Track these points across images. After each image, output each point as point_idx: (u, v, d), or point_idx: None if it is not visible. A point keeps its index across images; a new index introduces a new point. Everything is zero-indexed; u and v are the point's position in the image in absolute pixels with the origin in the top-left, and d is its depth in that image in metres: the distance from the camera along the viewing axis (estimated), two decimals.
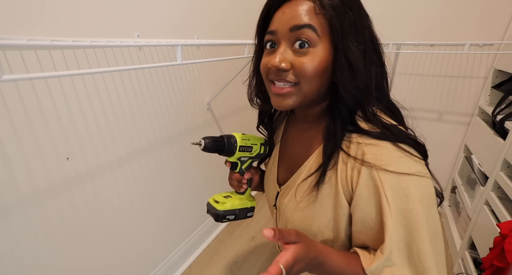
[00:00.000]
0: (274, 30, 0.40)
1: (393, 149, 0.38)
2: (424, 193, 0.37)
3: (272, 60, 0.39)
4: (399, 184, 0.36)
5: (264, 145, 0.57)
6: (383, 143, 0.38)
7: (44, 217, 0.67)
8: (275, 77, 0.40)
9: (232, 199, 0.57)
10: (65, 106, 0.67)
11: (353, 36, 0.37)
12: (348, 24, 0.37)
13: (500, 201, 0.96)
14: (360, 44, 0.38)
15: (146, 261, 1.04)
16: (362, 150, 0.38)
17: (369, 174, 0.37)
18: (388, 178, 0.36)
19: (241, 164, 0.56)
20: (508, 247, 0.74)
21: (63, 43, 0.41)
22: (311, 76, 0.38)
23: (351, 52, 0.37)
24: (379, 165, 0.36)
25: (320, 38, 0.37)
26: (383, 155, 0.37)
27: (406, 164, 0.37)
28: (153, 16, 0.84)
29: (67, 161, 0.69)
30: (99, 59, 0.70)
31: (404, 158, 0.37)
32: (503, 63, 1.23)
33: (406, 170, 0.36)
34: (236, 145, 0.52)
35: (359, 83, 0.38)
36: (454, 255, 1.28)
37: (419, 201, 0.36)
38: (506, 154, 0.95)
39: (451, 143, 1.56)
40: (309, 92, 0.40)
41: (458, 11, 1.33)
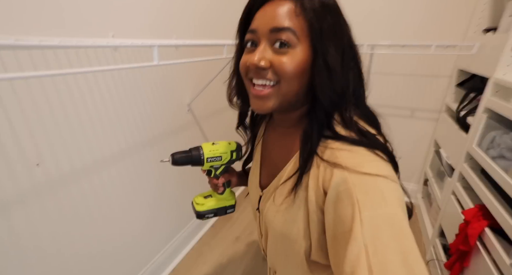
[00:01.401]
0: (254, 29, 0.40)
1: (366, 154, 0.37)
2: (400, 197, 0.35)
3: (251, 58, 0.39)
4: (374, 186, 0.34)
5: (236, 151, 0.60)
6: (356, 149, 0.37)
7: (10, 225, 0.64)
8: (254, 75, 0.40)
9: (211, 199, 0.63)
10: (34, 109, 0.64)
11: (332, 40, 0.38)
12: (328, 28, 0.37)
13: (464, 190, 1.04)
14: (338, 48, 0.39)
15: (128, 266, 1.01)
16: (335, 155, 0.37)
17: (341, 176, 0.35)
18: (360, 180, 0.34)
19: (215, 170, 0.60)
20: (471, 232, 0.81)
21: (29, 42, 0.40)
22: (290, 75, 0.38)
23: (329, 55, 0.37)
24: (351, 167, 0.35)
25: (299, 40, 0.38)
26: (355, 158, 0.36)
27: (380, 167, 0.36)
28: (129, 16, 0.83)
29: (36, 168, 0.66)
30: (70, 60, 0.67)
31: (377, 162, 0.36)
32: (464, 63, 1.33)
33: (381, 172, 0.35)
34: (203, 156, 0.56)
35: (336, 86, 0.38)
36: (427, 243, 1.37)
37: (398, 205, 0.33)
38: (468, 147, 1.04)
39: (422, 138, 1.66)
40: (288, 92, 0.40)
41: (426, 14, 1.43)
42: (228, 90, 0.51)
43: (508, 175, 0.76)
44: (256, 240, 1.42)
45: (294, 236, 0.42)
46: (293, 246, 0.43)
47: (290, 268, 0.47)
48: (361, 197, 0.33)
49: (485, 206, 0.85)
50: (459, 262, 0.89)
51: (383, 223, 0.32)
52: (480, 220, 0.83)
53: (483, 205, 0.87)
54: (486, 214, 0.84)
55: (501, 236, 0.77)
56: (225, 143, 0.59)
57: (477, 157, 0.96)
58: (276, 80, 0.39)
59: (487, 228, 0.80)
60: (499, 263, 0.73)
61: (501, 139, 0.86)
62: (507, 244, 0.74)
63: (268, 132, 0.55)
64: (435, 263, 1.18)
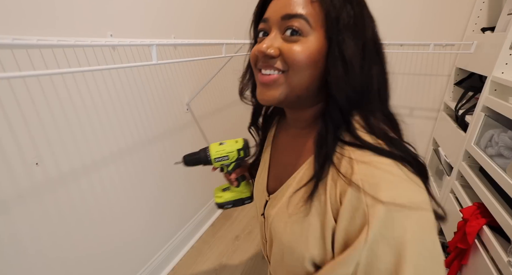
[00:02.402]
0: (266, 17, 0.37)
1: (390, 172, 0.31)
2: (422, 235, 0.30)
3: (260, 46, 0.36)
4: (392, 222, 0.29)
5: (243, 148, 0.61)
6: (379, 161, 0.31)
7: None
8: (262, 65, 0.37)
9: (228, 192, 0.67)
10: (32, 109, 0.63)
11: (351, 31, 0.34)
12: (347, 17, 0.33)
13: (462, 189, 1.05)
14: (359, 40, 0.34)
15: (127, 265, 1.01)
16: (351, 168, 0.32)
17: (356, 197, 0.30)
18: (378, 209, 0.29)
19: (226, 167, 0.62)
20: (469, 230, 0.81)
21: (27, 42, 0.40)
22: (300, 64, 0.34)
23: (346, 46, 0.33)
24: (368, 189, 0.30)
25: (313, 28, 0.34)
26: (374, 177, 0.30)
27: (405, 192, 0.30)
28: (128, 15, 0.82)
29: (36, 167, 0.66)
30: (69, 59, 0.67)
31: (403, 184, 0.31)
32: (462, 62, 1.34)
33: (403, 201, 0.29)
34: (210, 158, 0.60)
35: (354, 82, 0.34)
36: None
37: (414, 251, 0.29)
38: (467, 145, 1.04)
39: (421, 137, 1.66)
40: (297, 84, 0.36)
41: (425, 13, 1.43)
42: (240, 84, 0.48)
43: (506, 173, 0.77)
44: (256, 239, 1.43)
45: (301, 251, 0.38)
46: (299, 260, 0.38)
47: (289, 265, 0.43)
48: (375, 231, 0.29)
49: (483, 204, 0.86)
50: (458, 259, 0.89)
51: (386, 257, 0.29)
52: (479, 218, 0.83)
53: (482, 203, 0.87)
54: (484, 212, 0.84)
55: (499, 234, 0.77)
56: (232, 142, 0.62)
57: (476, 155, 0.96)
58: (285, 69, 0.36)
59: (485, 226, 0.81)
60: (497, 260, 0.73)
61: (499, 137, 0.86)
62: (505, 242, 0.74)
63: (279, 134, 0.51)
64: None
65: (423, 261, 0.30)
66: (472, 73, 1.29)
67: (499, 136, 0.86)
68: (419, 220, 0.30)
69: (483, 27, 1.28)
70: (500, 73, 0.95)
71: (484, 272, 0.77)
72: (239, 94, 0.49)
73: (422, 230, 0.30)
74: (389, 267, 0.29)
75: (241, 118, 1.73)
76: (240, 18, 1.45)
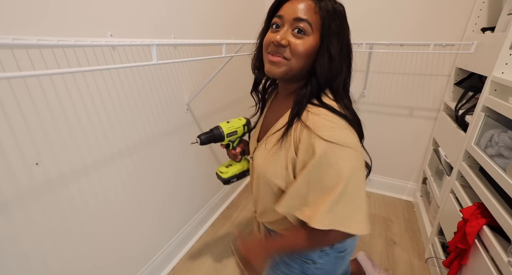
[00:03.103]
0: (281, 15, 0.52)
1: (331, 121, 0.50)
2: (346, 163, 0.48)
3: (276, 36, 0.51)
4: (331, 152, 0.47)
5: (246, 124, 0.76)
6: (326, 114, 0.51)
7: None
8: (273, 50, 0.52)
9: (231, 167, 0.77)
10: (32, 109, 0.63)
11: (336, 37, 0.51)
12: (334, 27, 0.51)
13: (463, 189, 1.05)
14: (339, 43, 0.52)
15: (127, 265, 1.01)
16: (307, 117, 0.51)
17: (308, 135, 0.49)
18: (320, 143, 0.48)
19: (232, 143, 0.75)
20: (469, 230, 0.81)
21: (27, 42, 0.40)
22: (301, 55, 0.51)
23: (332, 46, 0.51)
24: (315, 130, 0.48)
25: (313, 31, 0.51)
26: (319, 122, 0.49)
27: (340, 135, 0.49)
28: (128, 15, 0.82)
29: (36, 167, 0.66)
30: (69, 59, 0.67)
31: (340, 129, 0.50)
32: (462, 62, 1.34)
33: (338, 140, 0.48)
34: (223, 133, 0.72)
35: (332, 69, 0.52)
36: (426, 241, 1.37)
37: (346, 165, 0.48)
38: (467, 145, 1.04)
39: (421, 137, 1.66)
40: (295, 67, 0.53)
41: (425, 14, 1.43)
42: (252, 61, 0.64)
43: (506, 173, 0.77)
44: None
45: (270, 177, 0.57)
46: (269, 183, 0.58)
47: (265, 199, 0.63)
48: (318, 153, 0.48)
49: (483, 204, 0.86)
50: (458, 260, 0.89)
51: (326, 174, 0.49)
52: (479, 218, 0.83)
53: (482, 203, 0.87)
54: (484, 212, 0.84)
55: (499, 234, 0.77)
56: (237, 120, 0.75)
57: (476, 155, 0.96)
58: (289, 57, 0.52)
59: (485, 226, 0.81)
60: (497, 260, 0.73)
61: (499, 137, 0.86)
62: (505, 242, 0.74)
63: (272, 101, 0.69)
64: (433, 261, 1.19)
65: (353, 185, 0.49)
66: (472, 73, 1.29)
67: (499, 136, 0.86)
68: (350, 155, 0.49)
69: (483, 27, 1.28)
70: (500, 73, 0.95)
71: (484, 272, 0.77)
72: (252, 68, 0.65)
73: (354, 162, 0.49)
74: (331, 183, 0.49)
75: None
76: (240, 18, 1.45)
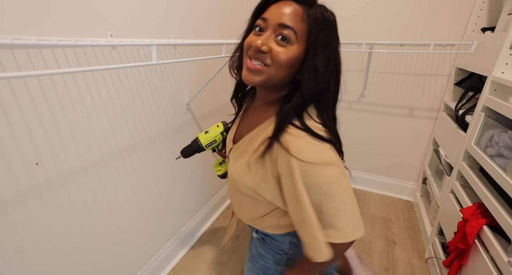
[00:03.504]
0: (266, 18, 0.48)
1: (305, 142, 0.47)
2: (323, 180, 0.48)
3: (257, 41, 0.47)
4: (307, 172, 0.46)
5: (224, 130, 0.78)
6: (304, 135, 0.48)
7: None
8: (253, 55, 0.48)
9: (225, 164, 0.84)
10: (32, 109, 0.63)
11: (323, 48, 0.47)
12: (322, 38, 0.46)
13: (463, 189, 1.05)
14: (326, 56, 0.48)
15: (127, 265, 1.01)
16: (285, 137, 0.48)
17: (285, 156, 0.47)
18: (295, 163, 0.46)
19: (216, 148, 0.81)
20: (469, 230, 0.81)
21: (27, 42, 0.40)
22: (282, 64, 0.47)
23: (318, 59, 0.47)
24: (293, 152, 0.46)
25: (298, 40, 0.46)
26: (295, 145, 0.47)
27: (315, 154, 0.47)
28: (128, 15, 0.82)
29: (36, 167, 0.66)
30: (69, 59, 0.67)
31: (314, 151, 0.47)
32: (463, 62, 1.34)
33: (313, 160, 0.46)
34: (202, 145, 0.78)
35: (318, 84, 0.48)
36: (426, 241, 1.37)
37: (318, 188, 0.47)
38: (467, 145, 1.04)
39: (421, 137, 1.66)
40: (275, 76, 0.49)
41: (425, 14, 1.43)
42: (230, 60, 0.61)
43: (507, 173, 0.77)
44: None
45: (239, 184, 0.58)
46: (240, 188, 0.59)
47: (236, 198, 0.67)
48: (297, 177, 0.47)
49: (483, 204, 0.86)
50: (458, 260, 0.89)
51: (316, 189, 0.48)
52: (479, 218, 0.83)
53: (482, 203, 0.87)
54: (484, 212, 0.84)
55: (499, 234, 0.77)
56: (214, 128, 0.79)
57: (476, 155, 0.96)
58: (269, 64, 0.48)
59: (486, 226, 0.81)
60: (497, 260, 0.73)
61: (499, 137, 0.86)
62: (505, 242, 0.74)
63: (249, 106, 0.67)
64: (434, 261, 1.19)
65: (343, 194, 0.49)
66: (472, 73, 1.29)
67: (499, 136, 0.86)
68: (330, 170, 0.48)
69: (483, 27, 1.28)
70: (500, 73, 0.95)
71: (484, 272, 0.77)
72: (229, 68, 0.62)
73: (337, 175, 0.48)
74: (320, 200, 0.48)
75: None
76: (240, 18, 1.45)
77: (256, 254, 0.74)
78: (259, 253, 0.73)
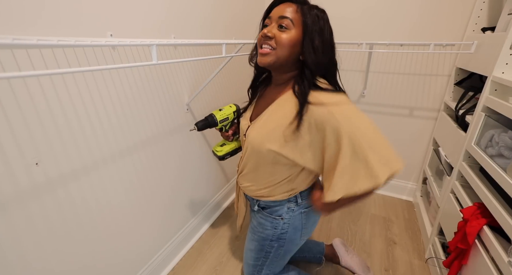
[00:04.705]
0: (270, 16, 0.66)
1: (328, 95, 0.63)
2: (357, 108, 0.63)
3: (264, 30, 0.65)
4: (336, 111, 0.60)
5: (237, 110, 0.92)
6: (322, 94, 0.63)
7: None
8: (263, 42, 0.65)
9: (225, 146, 0.94)
10: (32, 109, 0.63)
11: (317, 32, 0.63)
12: (314, 24, 0.62)
13: (463, 189, 1.04)
14: (320, 38, 0.63)
15: (127, 265, 1.01)
16: (314, 96, 0.62)
17: (321, 109, 0.61)
18: (322, 109, 0.61)
19: (225, 127, 0.91)
20: (469, 230, 0.81)
21: (27, 42, 0.40)
22: (284, 44, 0.63)
23: (315, 39, 0.62)
24: (327, 104, 0.61)
25: (295, 26, 0.63)
26: (325, 97, 0.62)
27: (335, 99, 0.63)
28: (128, 15, 0.82)
29: (36, 167, 0.66)
30: (69, 59, 0.67)
31: (335, 96, 0.63)
32: (463, 62, 1.33)
33: (334, 101, 0.62)
34: (217, 120, 0.88)
35: (317, 58, 0.63)
36: (426, 242, 1.37)
37: (360, 115, 0.62)
38: (467, 145, 1.04)
39: (421, 137, 1.66)
40: (281, 56, 0.64)
41: (425, 13, 1.43)
42: (250, 54, 0.79)
43: (507, 173, 0.77)
44: None
45: (266, 144, 0.68)
46: (262, 151, 0.70)
47: (253, 167, 0.77)
48: (339, 116, 0.60)
49: (483, 204, 0.86)
50: (458, 260, 0.89)
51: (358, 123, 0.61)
52: (479, 218, 0.83)
53: (482, 204, 0.87)
54: (484, 212, 0.84)
55: (500, 234, 0.77)
56: (228, 107, 0.91)
57: (476, 155, 0.96)
58: (275, 47, 0.64)
59: (486, 226, 0.80)
60: (497, 261, 0.73)
61: (499, 137, 0.86)
62: (506, 242, 0.74)
63: (265, 90, 0.80)
64: (434, 261, 1.18)
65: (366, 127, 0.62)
66: (472, 73, 1.29)
67: (500, 136, 0.86)
68: (349, 107, 0.62)
69: (483, 27, 1.28)
70: (501, 73, 0.95)
71: (484, 272, 0.76)
72: (249, 60, 0.79)
73: (355, 111, 0.62)
74: (368, 136, 0.61)
75: None
76: (240, 18, 1.45)
77: (256, 224, 0.87)
78: (259, 223, 0.86)
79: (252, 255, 0.91)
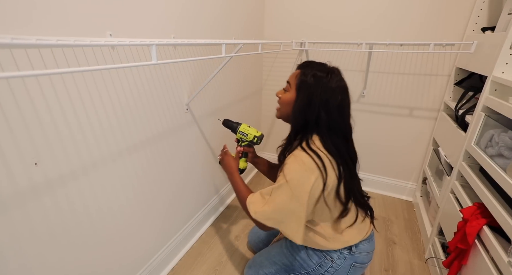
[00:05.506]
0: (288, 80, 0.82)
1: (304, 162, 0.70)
2: (295, 190, 0.69)
3: (277, 93, 0.84)
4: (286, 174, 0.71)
5: (259, 137, 0.99)
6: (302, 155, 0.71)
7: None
8: (278, 100, 0.83)
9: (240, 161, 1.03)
10: (31, 108, 0.63)
11: (304, 93, 0.74)
12: (304, 87, 0.74)
13: (463, 189, 1.04)
14: (306, 98, 0.73)
15: (128, 264, 1.01)
16: (289, 156, 0.74)
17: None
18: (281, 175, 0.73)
19: (241, 141, 1.01)
20: (469, 230, 0.81)
21: (26, 41, 0.39)
22: (282, 103, 0.81)
23: (299, 100, 0.75)
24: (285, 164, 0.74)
25: (292, 88, 0.77)
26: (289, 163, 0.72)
27: (294, 173, 0.70)
28: (128, 15, 0.82)
29: (35, 167, 0.66)
30: (68, 59, 0.67)
31: (298, 171, 0.70)
32: (463, 62, 1.33)
33: (289, 175, 0.70)
34: (238, 129, 0.99)
35: (303, 116, 0.74)
36: (425, 242, 1.37)
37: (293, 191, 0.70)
38: (467, 145, 1.04)
39: (421, 137, 1.66)
40: (283, 112, 0.81)
41: (425, 13, 1.43)
42: None
43: (507, 173, 0.77)
44: None
45: None
46: None
47: None
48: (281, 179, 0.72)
49: (483, 204, 0.85)
50: (458, 260, 0.89)
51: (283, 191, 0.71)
52: (479, 218, 0.83)
53: (482, 204, 0.87)
54: (484, 212, 0.84)
55: (499, 234, 0.77)
56: (255, 130, 1.00)
57: (476, 155, 0.96)
58: (279, 105, 0.83)
59: (486, 226, 0.80)
60: (497, 261, 0.73)
61: (499, 137, 0.86)
62: (505, 242, 0.74)
63: None
64: (433, 261, 1.18)
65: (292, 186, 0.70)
66: (472, 73, 1.29)
67: (499, 136, 0.86)
68: (286, 189, 0.70)
69: (483, 27, 1.28)
70: (501, 73, 0.95)
71: (484, 272, 0.76)
72: None
73: (290, 194, 0.70)
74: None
75: (241, 118, 1.73)
76: (240, 18, 1.45)
77: (301, 248, 0.87)
78: (305, 249, 0.86)
79: (271, 270, 0.89)
